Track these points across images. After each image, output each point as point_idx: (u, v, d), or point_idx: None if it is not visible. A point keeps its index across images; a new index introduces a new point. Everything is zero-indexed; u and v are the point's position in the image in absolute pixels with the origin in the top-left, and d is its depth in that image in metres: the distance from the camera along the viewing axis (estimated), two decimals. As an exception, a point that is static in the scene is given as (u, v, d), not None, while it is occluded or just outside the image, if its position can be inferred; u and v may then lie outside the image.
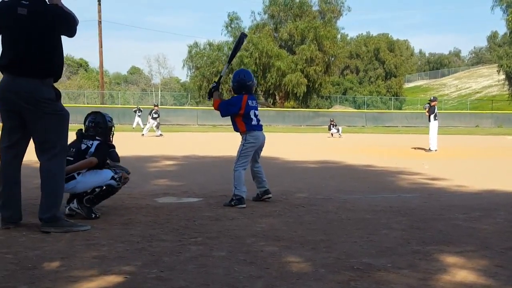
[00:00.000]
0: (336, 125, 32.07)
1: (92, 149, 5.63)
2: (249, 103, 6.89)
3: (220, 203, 6.71)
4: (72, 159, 5.51)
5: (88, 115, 5.94)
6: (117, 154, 6.00)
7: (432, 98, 19.23)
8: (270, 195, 7.01)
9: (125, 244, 4.38)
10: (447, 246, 4.52)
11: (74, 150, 5.62)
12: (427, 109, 18.95)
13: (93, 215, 5.49)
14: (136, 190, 7.68)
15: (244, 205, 6.54)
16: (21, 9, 4.73)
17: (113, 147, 5.95)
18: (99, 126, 5.84)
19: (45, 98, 4.76)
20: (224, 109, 6.94)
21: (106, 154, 5.77)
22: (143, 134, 27.57)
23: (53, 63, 4.87)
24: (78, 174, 5.50)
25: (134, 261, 3.85)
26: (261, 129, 7.05)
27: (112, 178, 5.62)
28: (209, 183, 8.87)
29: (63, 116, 4.93)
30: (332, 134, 31.26)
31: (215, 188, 8.09)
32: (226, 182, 8.99)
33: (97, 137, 5.77)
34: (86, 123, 5.88)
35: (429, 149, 18.17)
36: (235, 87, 7.02)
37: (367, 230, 5.16)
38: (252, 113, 6.90)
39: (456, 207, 6.69)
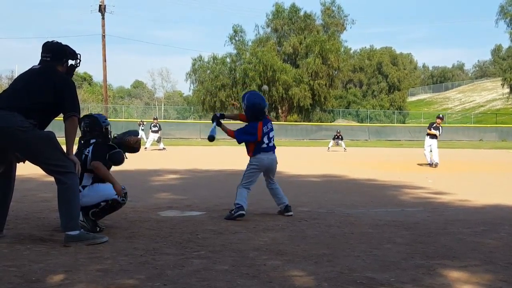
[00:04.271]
0: (340, 137, 31.54)
1: (90, 155, 5.60)
2: (264, 129, 6.90)
3: (223, 216, 6.71)
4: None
5: (81, 119, 5.79)
6: (119, 155, 5.82)
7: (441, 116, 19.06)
8: (290, 213, 6.92)
9: (129, 257, 4.39)
10: (451, 260, 4.51)
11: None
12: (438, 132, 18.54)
13: (98, 228, 5.50)
14: (140, 203, 7.69)
15: (243, 212, 6.54)
16: (36, 66, 5.14)
17: (114, 147, 5.82)
18: (95, 129, 5.78)
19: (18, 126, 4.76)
20: (241, 137, 6.95)
21: (104, 152, 5.67)
22: (145, 148, 27.42)
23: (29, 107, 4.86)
24: (84, 187, 5.49)
25: (138, 274, 3.86)
26: (270, 151, 6.98)
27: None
28: (212, 197, 8.87)
29: (46, 137, 4.93)
30: (328, 148, 30.73)
31: (218, 202, 8.09)
32: (229, 196, 8.99)
33: (91, 140, 5.71)
34: (81, 127, 5.79)
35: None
36: (250, 114, 6.96)
37: (370, 244, 5.15)
38: (265, 137, 6.91)
39: (460, 222, 6.68)
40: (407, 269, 4.16)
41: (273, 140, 7.05)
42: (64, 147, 4.97)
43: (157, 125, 28.21)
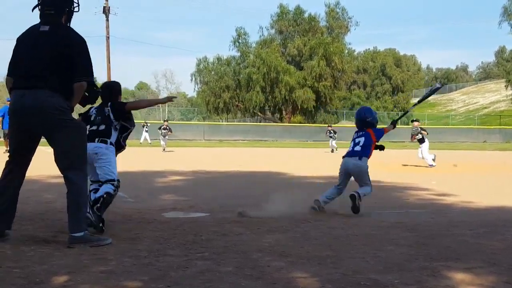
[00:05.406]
0: (333, 133, 31.20)
1: (112, 111, 5.90)
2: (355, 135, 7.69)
3: (227, 218, 6.70)
4: (104, 126, 5.83)
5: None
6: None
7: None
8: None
9: (132, 259, 4.39)
10: (454, 262, 4.49)
11: (100, 119, 5.90)
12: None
13: (100, 224, 5.51)
14: (143, 205, 7.69)
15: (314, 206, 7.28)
16: (43, 27, 4.91)
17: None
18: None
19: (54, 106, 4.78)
20: None
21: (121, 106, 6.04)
22: (164, 149, 28.26)
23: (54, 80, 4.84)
24: (109, 143, 5.77)
25: (141, 276, 3.86)
26: (350, 156, 7.51)
27: (112, 182, 5.70)
28: (216, 198, 8.86)
29: (81, 127, 4.98)
30: (332, 150, 30.59)
31: (222, 203, 8.08)
32: (232, 197, 9.00)
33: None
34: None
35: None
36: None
37: (374, 246, 5.14)
38: (352, 141, 7.65)
39: (464, 223, 6.66)
40: (411, 271, 4.15)
41: (357, 146, 7.52)
42: None
43: (167, 127, 28.78)
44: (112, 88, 6.27)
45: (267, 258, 4.54)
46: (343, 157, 7.63)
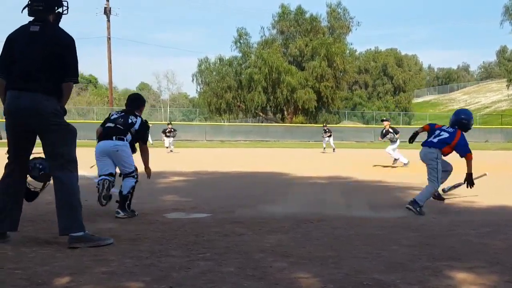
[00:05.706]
0: (329, 132, 30.80)
1: (137, 126, 6.84)
2: (442, 127, 7.98)
3: (229, 219, 6.69)
4: (122, 127, 6.73)
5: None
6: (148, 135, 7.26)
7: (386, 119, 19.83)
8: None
9: (134, 260, 4.38)
10: (457, 262, 4.48)
11: (122, 121, 6.82)
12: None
13: (136, 213, 6.76)
14: (145, 205, 7.69)
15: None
16: (34, 27, 4.87)
17: (149, 127, 7.19)
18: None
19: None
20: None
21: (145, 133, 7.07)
22: (171, 151, 28.52)
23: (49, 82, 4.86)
24: (126, 140, 6.72)
25: (143, 277, 3.85)
26: (425, 145, 7.81)
27: (132, 174, 6.84)
28: (217, 199, 8.86)
29: (74, 131, 4.99)
30: (334, 149, 30.39)
31: (223, 204, 8.08)
32: (234, 198, 9.00)
33: (137, 114, 7.02)
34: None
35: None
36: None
37: (376, 246, 5.13)
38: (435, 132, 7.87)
39: (466, 223, 6.65)
40: (414, 271, 4.14)
41: (435, 138, 7.81)
42: None
43: (172, 129, 29.16)
44: (140, 100, 7.41)
45: (269, 258, 4.53)
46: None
